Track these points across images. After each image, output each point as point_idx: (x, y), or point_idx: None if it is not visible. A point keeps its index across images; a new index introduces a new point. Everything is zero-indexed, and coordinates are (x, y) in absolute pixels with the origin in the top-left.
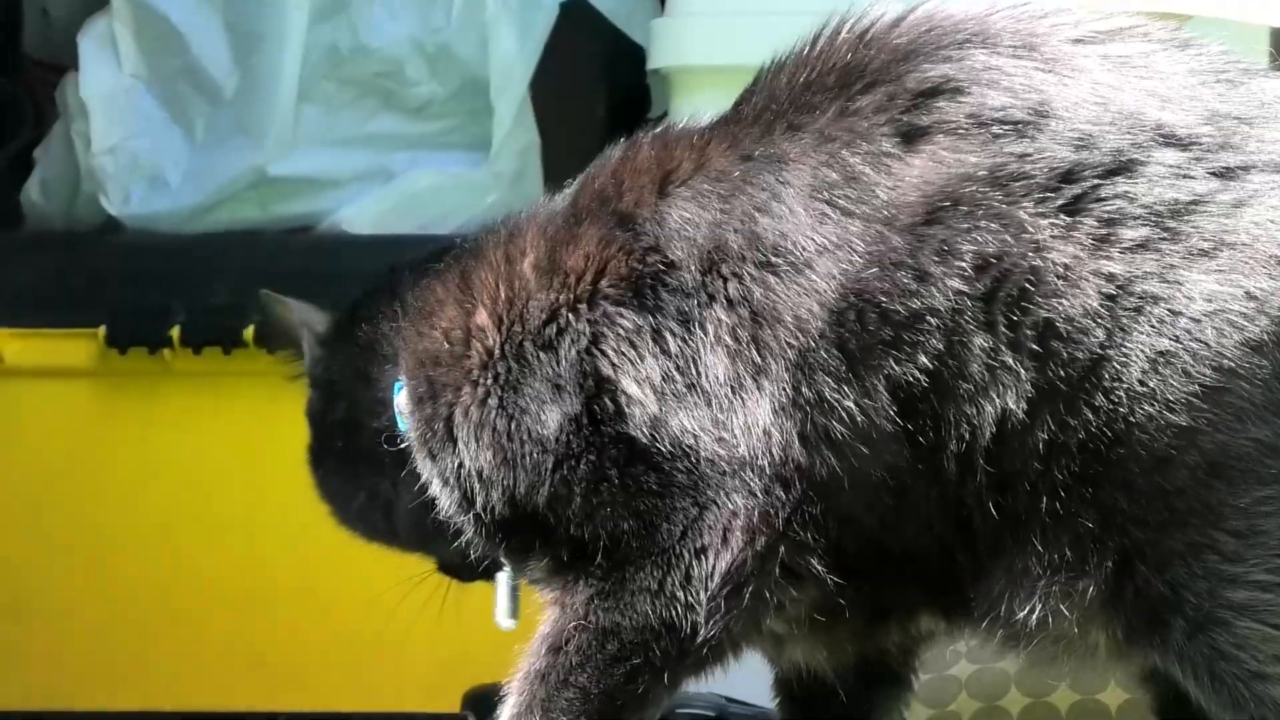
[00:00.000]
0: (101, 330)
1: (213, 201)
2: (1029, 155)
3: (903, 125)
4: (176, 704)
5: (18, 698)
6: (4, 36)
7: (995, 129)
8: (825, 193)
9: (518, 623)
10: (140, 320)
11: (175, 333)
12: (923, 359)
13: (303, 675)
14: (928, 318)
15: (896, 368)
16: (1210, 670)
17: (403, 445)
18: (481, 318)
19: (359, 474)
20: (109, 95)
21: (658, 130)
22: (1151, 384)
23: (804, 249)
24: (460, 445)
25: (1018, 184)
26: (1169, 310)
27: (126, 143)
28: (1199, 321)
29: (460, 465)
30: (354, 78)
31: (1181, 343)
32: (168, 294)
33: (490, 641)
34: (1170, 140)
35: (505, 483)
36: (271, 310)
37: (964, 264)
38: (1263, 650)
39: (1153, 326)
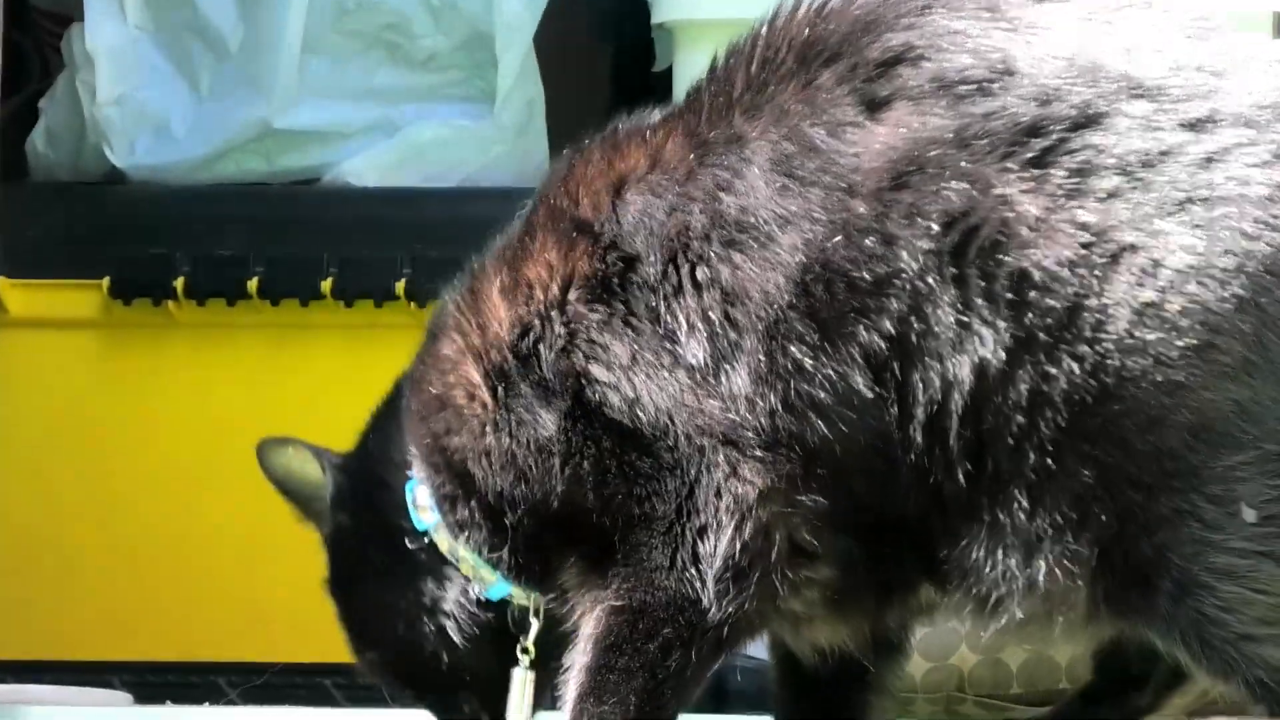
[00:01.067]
0: (106, 281)
1: (218, 153)
2: (993, 113)
3: (865, 94)
4: (181, 654)
5: (22, 647)
6: None
7: (959, 90)
8: (785, 164)
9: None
10: (145, 271)
11: (180, 284)
12: (889, 324)
13: (306, 626)
14: (894, 281)
15: (866, 335)
16: (1200, 636)
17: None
18: (466, 367)
19: (396, 582)
20: (114, 47)
21: (606, 132)
22: (1140, 336)
23: (767, 222)
24: (477, 480)
25: (983, 142)
26: (1150, 260)
27: (132, 94)
28: (1183, 274)
29: (483, 496)
30: (359, 30)
31: (1166, 295)
32: (172, 245)
33: None
34: (1137, 92)
35: (522, 495)
36: (271, 457)
37: (931, 223)
38: (1247, 613)
39: (1134, 276)
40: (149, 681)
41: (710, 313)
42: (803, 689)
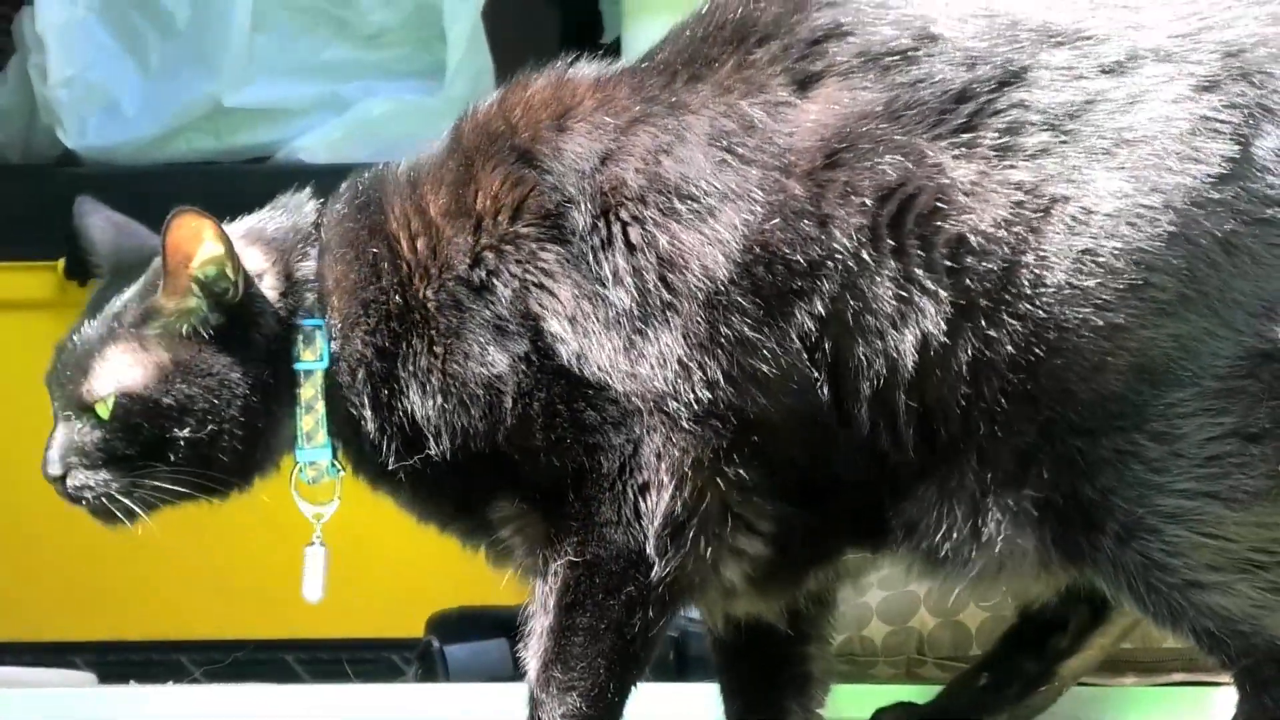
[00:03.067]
0: (60, 263)
1: (169, 132)
2: (920, 82)
3: (797, 73)
4: (142, 633)
5: None
6: None
7: (885, 62)
8: (724, 140)
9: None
10: None
11: None
12: (821, 305)
13: (267, 603)
14: (829, 262)
15: (799, 316)
16: (1145, 581)
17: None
18: (415, 283)
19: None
20: (64, 28)
21: (548, 70)
22: (1077, 284)
23: (707, 194)
24: (409, 395)
25: (912, 112)
26: (1081, 209)
27: (82, 75)
28: (1113, 217)
29: (407, 413)
30: (307, 6)
31: (1100, 240)
32: None
33: (453, 568)
34: (1057, 40)
35: (458, 424)
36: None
37: (865, 199)
38: (1194, 558)
39: (1067, 226)
40: (112, 661)
41: (645, 273)
42: (740, 650)
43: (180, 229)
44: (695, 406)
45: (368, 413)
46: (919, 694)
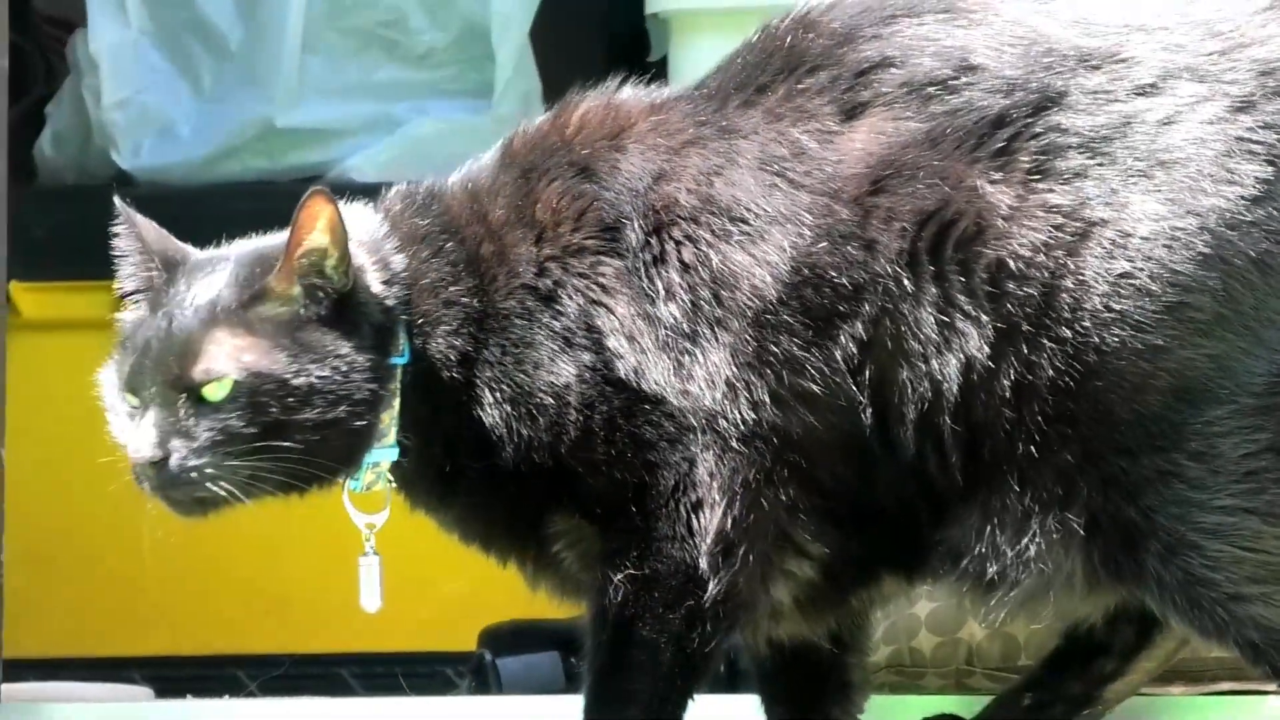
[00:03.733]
0: (116, 282)
1: (222, 153)
2: (959, 110)
3: (844, 103)
4: (198, 648)
5: (42, 645)
6: None
7: (927, 91)
8: (774, 164)
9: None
10: None
11: None
12: (865, 329)
13: (322, 617)
14: (872, 286)
15: (846, 340)
16: (1188, 596)
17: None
18: (481, 276)
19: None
20: (117, 50)
21: (601, 91)
22: (1117, 307)
23: (758, 217)
24: (482, 400)
25: (952, 139)
26: (1118, 232)
27: (136, 97)
28: (1150, 240)
29: (477, 418)
30: (357, 28)
31: (1136, 263)
32: None
33: (506, 580)
34: (1091, 63)
35: (523, 433)
36: None
37: (905, 224)
38: (1236, 572)
39: (1104, 249)
40: (168, 676)
41: (696, 290)
42: (781, 662)
43: (311, 212)
44: (743, 425)
45: (443, 415)
46: (966, 706)
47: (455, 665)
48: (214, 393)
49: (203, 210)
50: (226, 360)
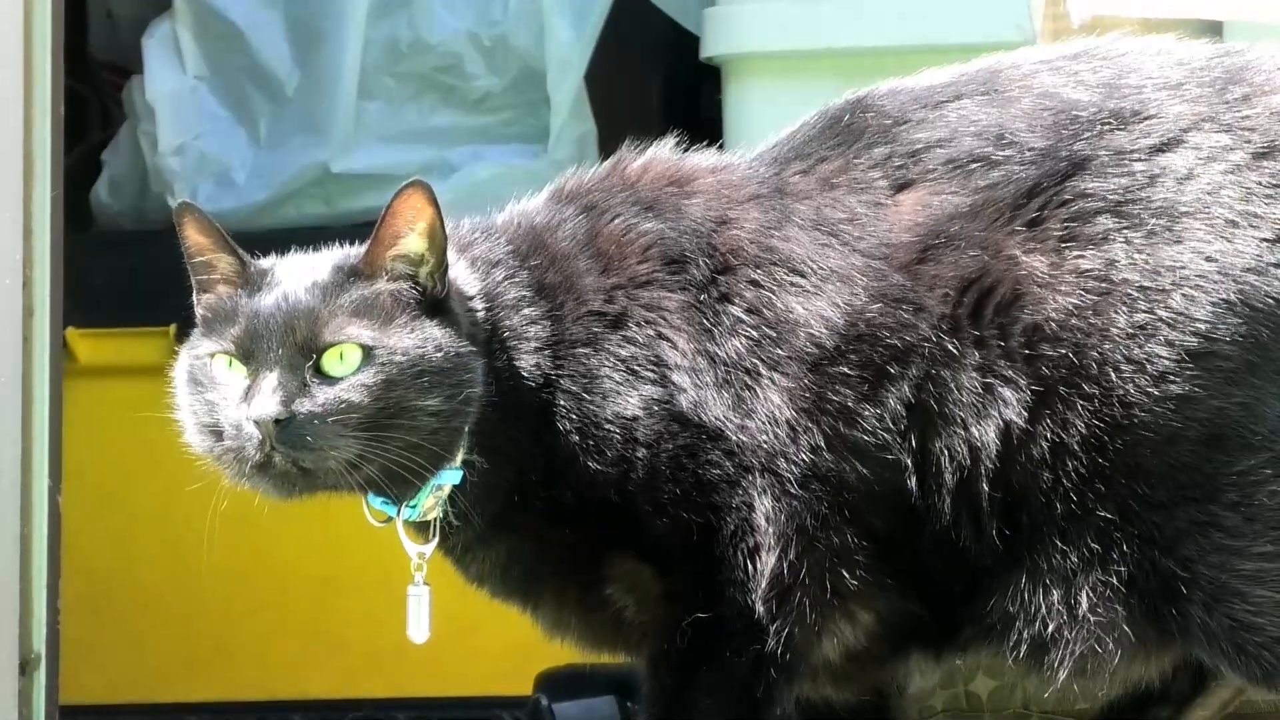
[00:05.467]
0: (172, 328)
1: (278, 198)
2: (998, 184)
3: (896, 179)
4: (257, 693)
5: (100, 691)
6: (71, 41)
7: (969, 168)
8: (829, 227)
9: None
10: None
11: None
12: (911, 392)
13: (380, 662)
14: (920, 349)
15: (894, 403)
16: (1234, 643)
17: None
18: (553, 300)
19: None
20: (174, 96)
21: (662, 146)
22: (1142, 359)
23: (815, 272)
24: (553, 425)
25: (990, 210)
26: (1141, 288)
27: (192, 142)
28: (1170, 290)
29: (547, 446)
30: (413, 73)
31: (1155, 313)
32: None
33: None
34: (1113, 124)
35: (590, 466)
36: None
37: (949, 290)
38: (1278, 616)
39: (1129, 304)
40: None
41: (758, 330)
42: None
43: (412, 205)
44: (801, 468)
45: (521, 437)
46: None
47: (512, 710)
48: (343, 362)
49: (259, 256)
50: (359, 330)
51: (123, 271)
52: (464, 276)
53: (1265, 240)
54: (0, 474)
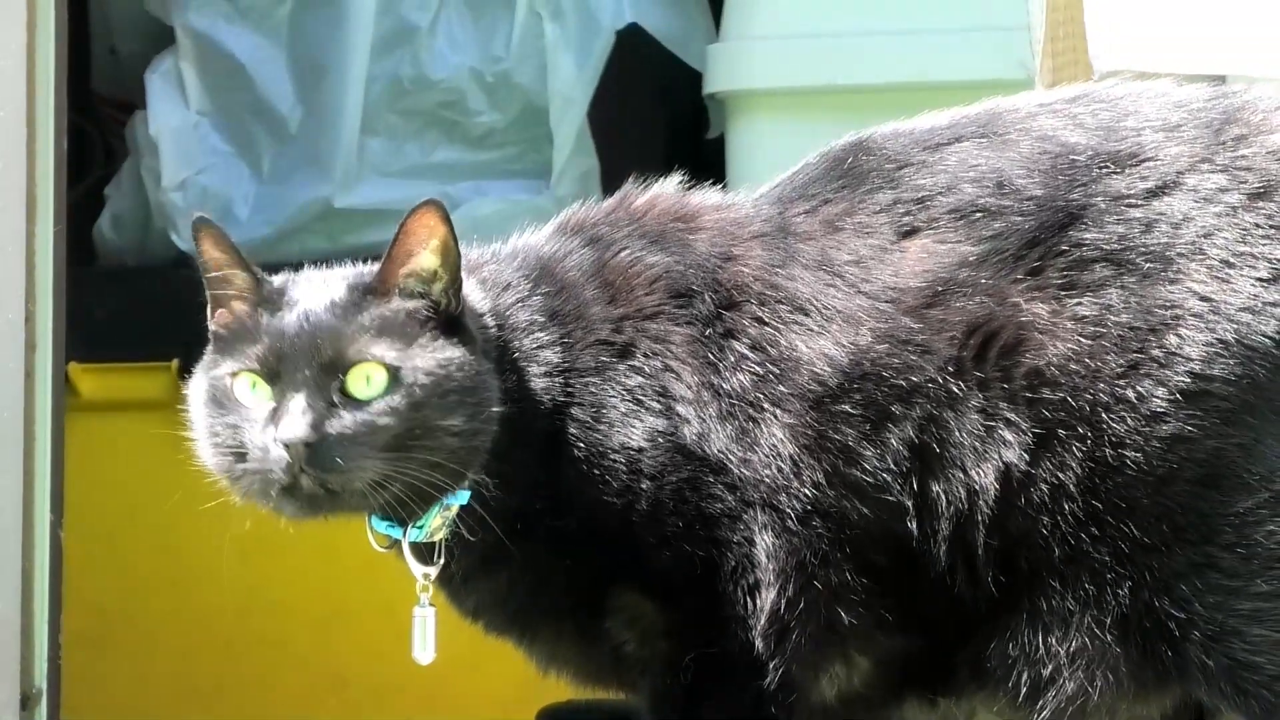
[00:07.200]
0: (175, 363)
1: (281, 234)
2: (1000, 234)
3: (901, 226)
4: None
5: None
6: (74, 76)
7: (973, 217)
8: (833, 268)
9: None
10: None
11: None
12: (915, 432)
13: (381, 694)
14: (924, 390)
15: (896, 444)
16: (1233, 682)
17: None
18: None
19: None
20: (177, 131)
21: (668, 183)
22: (1136, 400)
23: (820, 311)
24: (562, 454)
25: (995, 259)
26: (1135, 328)
27: (195, 178)
28: (1162, 331)
29: (555, 472)
30: (416, 109)
31: (1148, 353)
32: None
33: None
34: (1110, 168)
35: (594, 496)
36: None
37: (955, 334)
38: (1277, 655)
39: (1124, 347)
40: None
41: (762, 366)
42: None
43: (425, 224)
44: (801, 505)
45: (530, 461)
46: None
47: None
48: (370, 384)
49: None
50: (384, 351)
51: (125, 307)
52: (475, 295)
53: (1261, 280)
54: (2, 508)
